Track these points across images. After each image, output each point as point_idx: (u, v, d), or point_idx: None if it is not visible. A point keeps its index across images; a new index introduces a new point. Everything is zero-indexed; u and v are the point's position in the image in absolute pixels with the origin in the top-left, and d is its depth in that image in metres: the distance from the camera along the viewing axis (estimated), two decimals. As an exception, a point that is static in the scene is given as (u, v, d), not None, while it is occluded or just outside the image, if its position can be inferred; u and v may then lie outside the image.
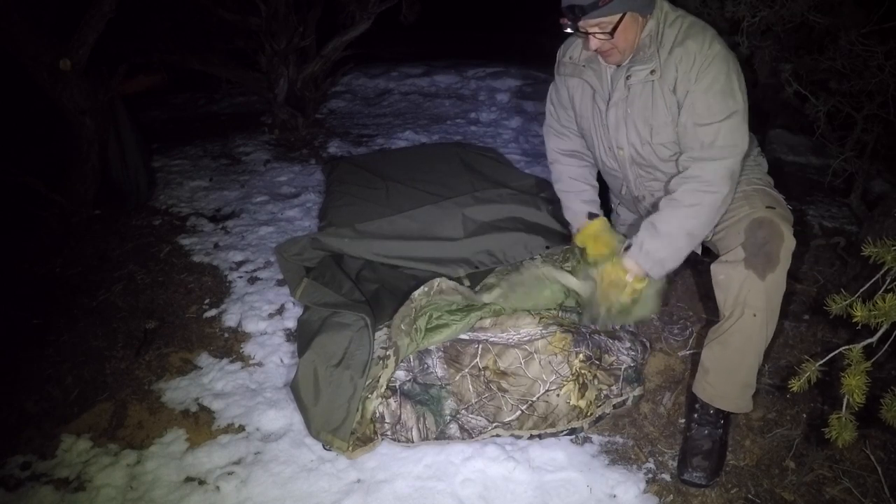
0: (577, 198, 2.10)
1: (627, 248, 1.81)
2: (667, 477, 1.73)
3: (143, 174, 3.31)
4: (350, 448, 1.76)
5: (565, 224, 2.22)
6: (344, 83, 5.51)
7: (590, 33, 1.70)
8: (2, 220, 2.91)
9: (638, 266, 1.78)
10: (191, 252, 2.84)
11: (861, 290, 1.19)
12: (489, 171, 3.14)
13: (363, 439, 1.79)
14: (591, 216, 2.06)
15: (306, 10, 4.28)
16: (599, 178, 2.18)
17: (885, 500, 1.63)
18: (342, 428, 1.76)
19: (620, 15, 1.66)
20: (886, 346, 1.20)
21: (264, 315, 2.39)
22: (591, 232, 2.03)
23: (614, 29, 1.67)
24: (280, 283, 2.59)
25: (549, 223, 2.45)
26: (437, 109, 4.98)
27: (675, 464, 1.76)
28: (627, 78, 1.78)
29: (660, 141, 1.81)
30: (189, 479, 1.73)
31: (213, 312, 2.43)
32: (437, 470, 1.72)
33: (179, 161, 3.85)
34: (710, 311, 2.33)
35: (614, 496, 1.67)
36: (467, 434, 1.80)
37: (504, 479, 1.70)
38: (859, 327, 1.16)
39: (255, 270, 2.69)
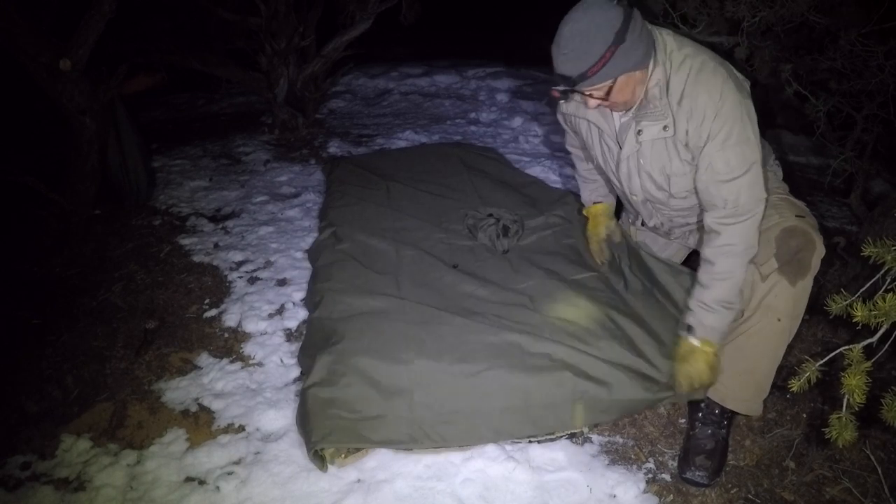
0: (586, 187, 2.27)
1: (689, 328, 1.74)
2: (667, 477, 1.73)
3: (143, 174, 3.31)
4: (343, 455, 1.75)
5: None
6: (344, 83, 5.51)
7: (586, 95, 1.64)
8: (2, 220, 2.91)
9: (707, 339, 1.71)
10: (191, 252, 2.84)
11: (861, 290, 1.19)
12: (489, 171, 3.14)
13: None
14: (597, 202, 2.25)
15: (306, 10, 4.28)
16: None
17: (885, 500, 1.63)
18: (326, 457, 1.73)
19: (613, 80, 1.58)
20: (887, 346, 1.20)
21: (264, 315, 2.39)
22: (592, 212, 2.27)
23: (609, 91, 1.61)
24: (280, 282, 2.59)
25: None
26: (437, 109, 4.98)
27: (675, 464, 1.76)
28: (639, 133, 1.71)
29: (677, 189, 1.78)
30: (189, 479, 1.73)
31: (213, 312, 2.43)
32: (437, 470, 1.72)
33: (179, 161, 3.85)
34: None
35: (614, 496, 1.67)
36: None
37: (504, 479, 1.70)
38: (859, 327, 1.16)
39: (255, 270, 2.69)
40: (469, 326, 1.94)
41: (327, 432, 1.70)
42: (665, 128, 1.66)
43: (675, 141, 1.67)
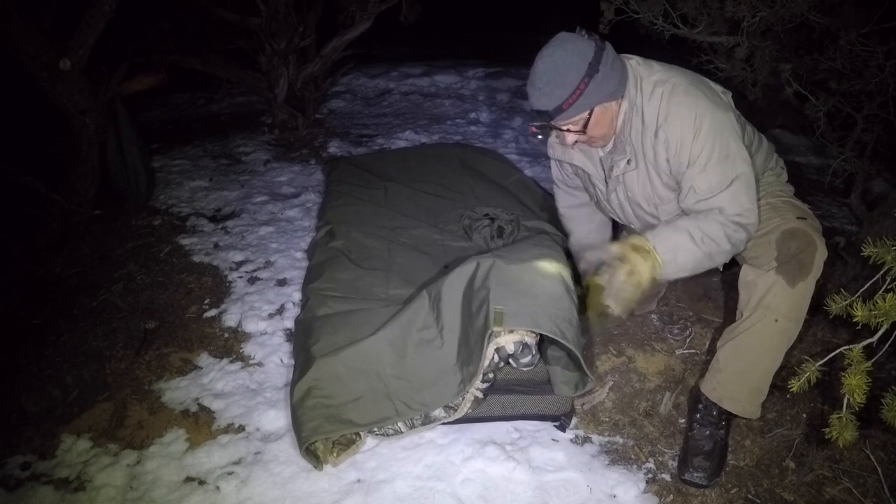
0: (576, 230, 2.19)
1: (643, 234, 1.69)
2: (667, 477, 1.73)
3: (143, 174, 3.31)
4: (335, 454, 1.75)
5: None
6: (344, 83, 5.51)
7: (563, 130, 1.67)
8: (2, 220, 2.91)
9: (654, 245, 1.61)
10: (191, 252, 2.84)
11: (861, 290, 1.19)
12: (489, 172, 3.14)
13: (345, 442, 1.77)
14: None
15: (306, 10, 4.28)
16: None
17: (885, 500, 1.63)
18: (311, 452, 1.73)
19: (589, 111, 1.62)
20: (886, 346, 1.20)
21: (264, 315, 2.39)
22: (592, 285, 1.98)
23: (586, 124, 1.65)
24: (280, 283, 2.59)
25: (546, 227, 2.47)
26: (437, 109, 4.98)
27: (676, 464, 1.76)
28: (611, 169, 1.78)
29: (667, 210, 1.80)
30: (189, 479, 1.73)
31: (213, 312, 2.43)
32: (437, 470, 1.72)
33: (179, 161, 3.85)
34: (709, 312, 2.33)
35: (614, 496, 1.67)
36: (451, 410, 1.81)
37: (504, 479, 1.70)
38: (859, 327, 1.16)
39: (255, 270, 2.69)
40: None
41: (316, 425, 1.70)
42: (629, 162, 1.71)
43: (657, 170, 1.70)
